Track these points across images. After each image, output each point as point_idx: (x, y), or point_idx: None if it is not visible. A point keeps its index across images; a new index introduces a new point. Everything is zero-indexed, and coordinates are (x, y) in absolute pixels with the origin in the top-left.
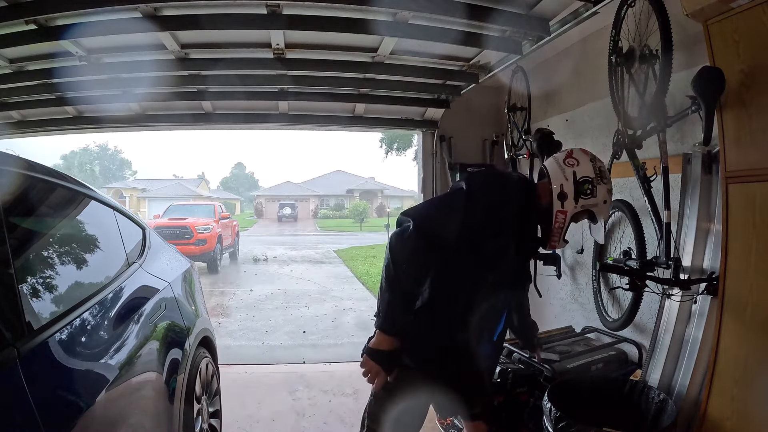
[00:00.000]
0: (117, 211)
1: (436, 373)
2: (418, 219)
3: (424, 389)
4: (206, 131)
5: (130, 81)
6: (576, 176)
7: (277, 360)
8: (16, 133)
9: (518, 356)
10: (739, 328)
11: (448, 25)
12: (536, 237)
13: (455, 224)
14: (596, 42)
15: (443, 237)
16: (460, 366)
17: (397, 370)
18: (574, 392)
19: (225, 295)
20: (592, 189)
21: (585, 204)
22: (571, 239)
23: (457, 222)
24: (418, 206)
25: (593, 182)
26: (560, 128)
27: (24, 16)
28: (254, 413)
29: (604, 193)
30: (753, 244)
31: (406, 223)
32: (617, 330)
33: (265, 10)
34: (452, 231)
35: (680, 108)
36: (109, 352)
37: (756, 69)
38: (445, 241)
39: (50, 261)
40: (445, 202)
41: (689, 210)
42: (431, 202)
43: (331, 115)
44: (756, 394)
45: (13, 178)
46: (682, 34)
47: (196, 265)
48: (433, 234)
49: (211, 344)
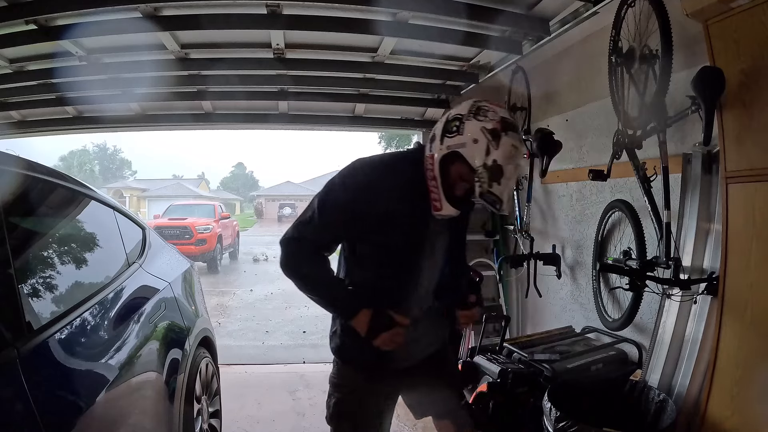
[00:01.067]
0: (117, 211)
1: (392, 362)
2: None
3: (384, 383)
4: (206, 131)
5: (130, 81)
6: (448, 116)
7: (277, 360)
8: (16, 133)
9: (518, 356)
10: (739, 328)
11: (448, 25)
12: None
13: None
14: (596, 42)
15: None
16: (413, 349)
17: (349, 369)
18: (574, 392)
19: (225, 295)
20: (459, 126)
21: (450, 144)
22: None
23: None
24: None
25: (463, 119)
26: (560, 128)
27: (24, 16)
28: (254, 413)
29: (477, 131)
30: (753, 244)
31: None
32: (617, 330)
33: (265, 10)
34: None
35: (680, 108)
36: (109, 352)
37: (756, 69)
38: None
39: (50, 261)
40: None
41: (689, 210)
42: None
43: (331, 115)
44: (756, 394)
45: (13, 178)
46: (682, 34)
47: (196, 265)
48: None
49: (211, 344)
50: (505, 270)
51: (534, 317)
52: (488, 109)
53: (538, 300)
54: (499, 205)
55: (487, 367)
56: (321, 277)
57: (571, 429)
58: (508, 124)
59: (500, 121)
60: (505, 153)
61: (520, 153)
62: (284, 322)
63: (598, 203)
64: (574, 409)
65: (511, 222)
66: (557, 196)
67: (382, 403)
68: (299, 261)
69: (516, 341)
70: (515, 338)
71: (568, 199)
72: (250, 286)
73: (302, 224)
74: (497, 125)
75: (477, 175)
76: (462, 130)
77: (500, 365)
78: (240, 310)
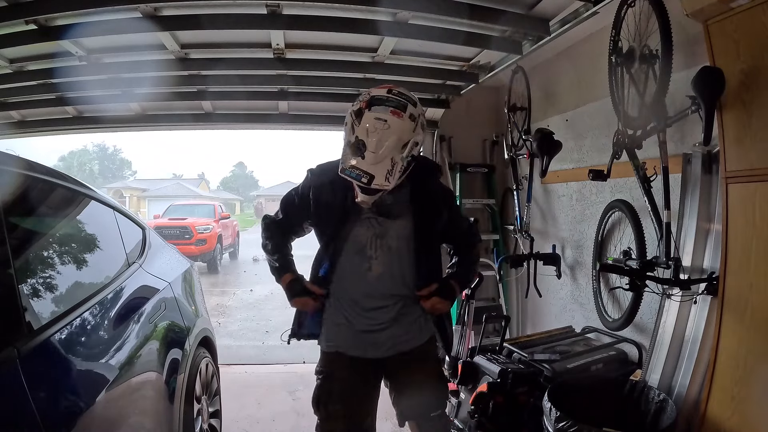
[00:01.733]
0: (117, 211)
1: (354, 349)
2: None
3: (357, 371)
4: (206, 131)
5: (130, 81)
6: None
7: (277, 360)
8: (16, 133)
9: (518, 356)
10: (739, 328)
11: (449, 25)
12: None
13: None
14: (596, 42)
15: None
16: (375, 338)
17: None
18: (574, 392)
19: (225, 295)
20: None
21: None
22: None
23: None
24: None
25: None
26: (560, 128)
27: (24, 16)
28: (254, 413)
29: (348, 117)
30: (753, 244)
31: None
32: (617, 330)
33: (265, 10)
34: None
35: (680, 108)
36: (109, 352)
37: (756, 69)
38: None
39: (50, 261)
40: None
41: (689, 210)
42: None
43: (331, 115)
44: (756, 394)
45: (13, 178)
46: (682, 34)
47: (196, 265)
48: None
49: (211, 344)
50: (505, 270)
51: (534, 317)
52: (364, 93)
53: (538, 300)
54: (366, 179)
55: (487, 367)
56: (273, 247)
57: (571, 429)
58: (375, 100)
59: (368, 100)
60: (365, 127)
61: (389, 123)
62: (284, 322)
63: (598, 203)
64: (574, 409)
65: (511, 222)
66: (557, 196)
67: (359, 390)
68: (265, 236)
69: (516, 341)
70: (515, 338)
71: (568, 199)
72: (250, 286)
73: (276, 212)
74: (363, 104)
75: (342, 156)
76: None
77: (500, 365)
78: (240, 310)
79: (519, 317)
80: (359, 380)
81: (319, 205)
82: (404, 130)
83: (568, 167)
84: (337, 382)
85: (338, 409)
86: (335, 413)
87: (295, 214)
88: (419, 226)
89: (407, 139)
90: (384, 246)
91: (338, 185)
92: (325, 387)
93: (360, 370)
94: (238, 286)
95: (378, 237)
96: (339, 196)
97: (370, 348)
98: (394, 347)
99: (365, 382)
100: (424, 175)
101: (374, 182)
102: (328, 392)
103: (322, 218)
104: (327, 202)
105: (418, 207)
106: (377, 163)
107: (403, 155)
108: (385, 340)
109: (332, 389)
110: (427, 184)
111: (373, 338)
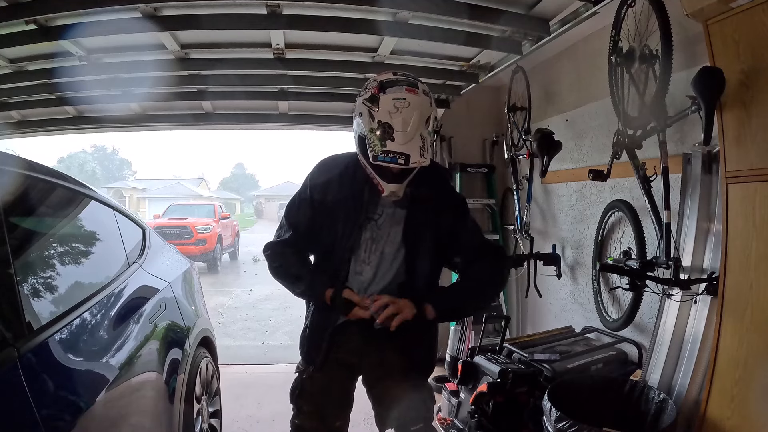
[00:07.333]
0: (117, 211)
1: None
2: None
3: (333, 371)
4: (206, 131)
5: (130, 81)
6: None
7: (277, 360)
8: (16, 133)
9: (518, 356)
10: (739, 328)
11: (448, 25)
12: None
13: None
14: (596, 42)
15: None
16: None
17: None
18: (574, 392)
19: (225, 295)
20: (353, 113)
21: (354, 131)
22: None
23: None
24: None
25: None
26: (560, 128)
27: (24, 16)
28: (254, 413)
29: (360, 107)
30: (753, 244)
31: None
32: (617, 330)
33: (265, 10)
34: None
35: (680, 108)
36: (109, 352)
37: (756, 69)
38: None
39: (50, 261)
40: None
41: (689, 210)
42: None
43: (331, 115)
44: (756, 395)
45: (13, 178)
46: (682, 34)
47: (196, 265)
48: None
49: (211, 344)
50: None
51: (534, 317)
52: (370, 81)
53: (538, 300)
54: (402, 159)
55: (487, 367)
56: (289, 266)
57: (571, 429)
58: (386, 83)
59: (377, 85)
60: (386, 109)
61: (409, 101)
62: (284, 322)
63: (598, 203)
64: (574, 409)
65: (511, 222)
66: (557, 196)
67: (335, 390)
68: (278, 260)
69: (516, 341)
70: (515, 338)
71: (568, 199)
72: (250, 286)
73: (278, 230)
74: (374, 90)
75: (370, 144)
76: (354, 114)
77: (500, 365)
78: (240, 310)
79: (519, 317)
80: (335, 381)
81: (326, 203)
82: (423, 105)
83: (568, 167)
84: (311, 380)
85: (311, 409)
86: (308, 412)
87: (305, 223)
88: (409, 233)
89: (428, 114)
90: (377, 251)
91: (347, 180)
92: (300, 383)
93: (337, 372)
94: (238, 286)
95: (374, 241)
96: (351, 192)
97: (350, 351)
98: (376, 354)
99: (340, 384)
100: (428, 179)
101: (411, 161)
102: (302, 389)
103: (331, 217)
104: (337, 200)
105: (411, 212)
106: (408, 141)
107: (429, 130)
108: (365, 343)
109: (304, 386)
110: (429, 189)
111: (342, 339)
